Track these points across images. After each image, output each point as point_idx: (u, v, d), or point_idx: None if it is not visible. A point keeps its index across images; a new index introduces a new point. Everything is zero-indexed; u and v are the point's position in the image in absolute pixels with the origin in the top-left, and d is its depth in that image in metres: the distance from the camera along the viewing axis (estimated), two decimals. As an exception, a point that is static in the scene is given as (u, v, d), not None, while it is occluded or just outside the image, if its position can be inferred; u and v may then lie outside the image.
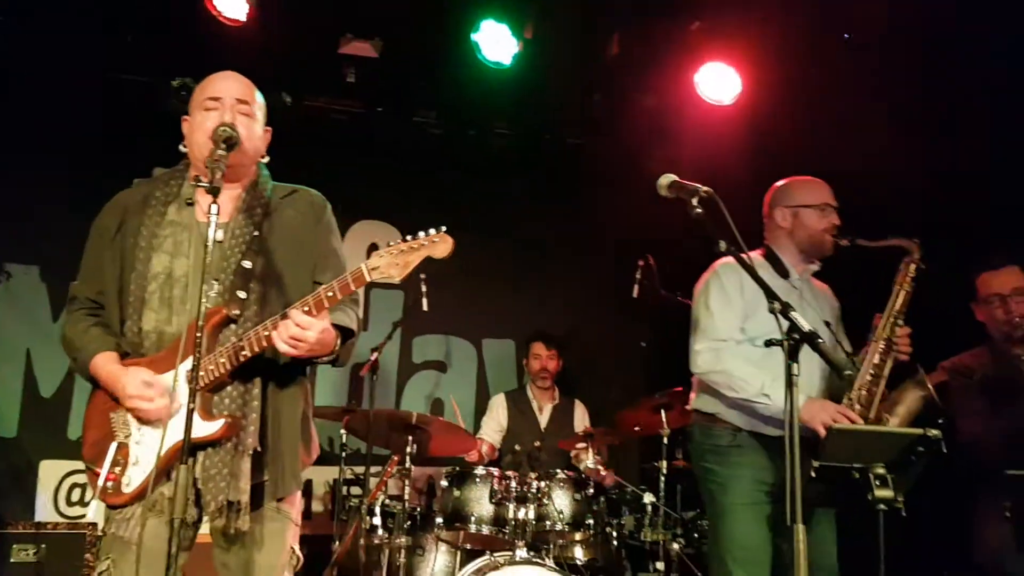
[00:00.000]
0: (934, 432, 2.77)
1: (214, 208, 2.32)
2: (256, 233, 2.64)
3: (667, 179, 2.78)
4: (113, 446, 2.55)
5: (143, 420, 2.54)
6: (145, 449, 2.52)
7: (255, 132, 2.71)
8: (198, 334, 2.27)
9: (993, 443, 3.51)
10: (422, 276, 5.35)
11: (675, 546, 5.12)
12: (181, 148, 2.76)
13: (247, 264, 2.59)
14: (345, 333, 2.65)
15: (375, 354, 5.17)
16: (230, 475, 2.47)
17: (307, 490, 6.12)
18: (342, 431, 5.30)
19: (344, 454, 5.32)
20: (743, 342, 3.44)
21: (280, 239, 2.69)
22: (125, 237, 2.65)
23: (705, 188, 2.66)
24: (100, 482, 2.53)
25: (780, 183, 3.74)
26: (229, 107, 2.65)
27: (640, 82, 6.05)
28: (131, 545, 2.45)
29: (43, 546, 4.63)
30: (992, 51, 4.66)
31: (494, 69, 5.59)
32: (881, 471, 2.79)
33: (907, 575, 4.38)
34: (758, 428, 3.39)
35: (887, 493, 2.78)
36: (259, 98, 2.78)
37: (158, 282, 2.58)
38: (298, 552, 2.70)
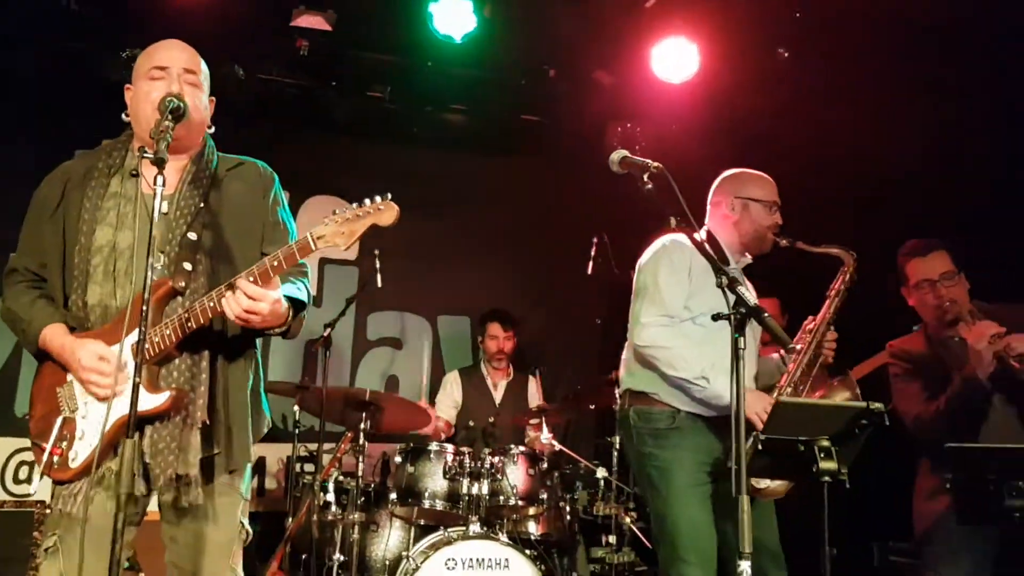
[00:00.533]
0: (877, 405, 2.81)
1: (160, 179, 2.28)
2: (202, 205, 2.61)
3: (618, 155, 2.79)
4: (59, 420, 2.52)
5: (91, 394, 2.51)
6: (92, 423, 2.49)
7: (201, 102, 2.67)
8: (144, 306, 2.23)
9: (930, 423, 3.59)
10: (376, 252, 5.33)
11: (627, 520, 5.19)
12: (124, 118, 2.70)
13: (193, 236, 2.56)
14: (296, 305, 2.63)
15: (328, 330, 5.15)
16: (178, 448, 2.45)
17: (260, 467, 6.09)
18: (295, 408, 5.28)
19: (298, 431, 5.30)
20: (686, 320, 3.46)
21: (227, 211, 2.66)
22: (67, 209, 2.61)
23: (656, 164, 2.67)
24: (45, 457, 2.50)
25: (731, 172, 3.75)
26: (176, 77, 2.60)
27: (596, 59, 6.05)
28: (78, 520, 2.43)
29: (-10, 525, 4.57)
30: (955, 24, 4.71)
31: (450, 45, 5.55)
32: (825, 444, 2.83)
33: (850, 546, 4.50)
34: (696, 409, 3.41)
35: (831, 465, 2.82)
36: (204, 67, 2.74)
37: (102, 255, 2.54)
38: (248, 527, 2.69)
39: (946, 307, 3.70)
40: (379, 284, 5.37)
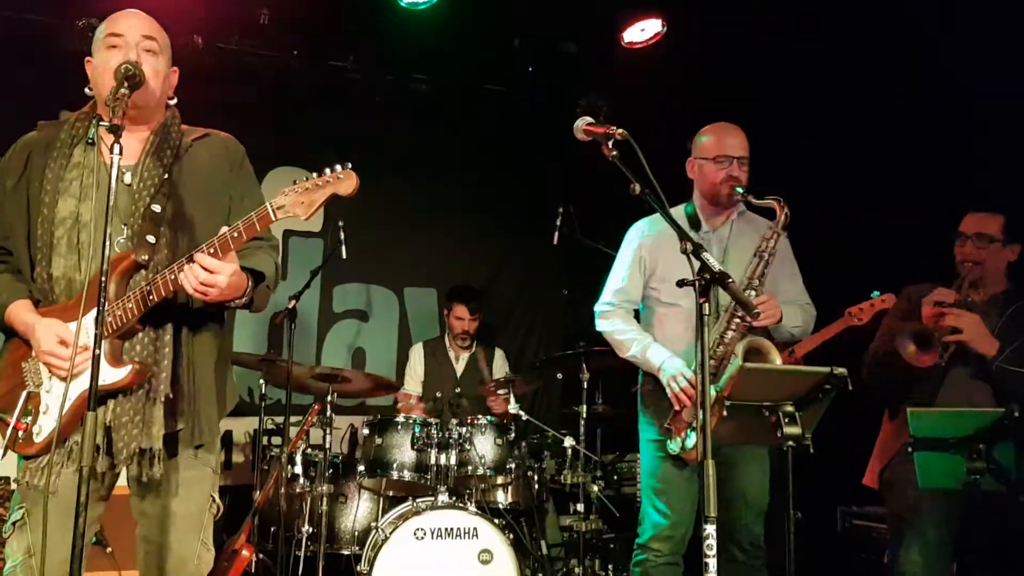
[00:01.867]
0: (840, 370, 2.85)
1: (116, 148, 2.24)
2: (166, 176, 2.56)
3: (582, 122, 2.78)
4: (23, 395, 2.50)
5: (52, 374, 2.48)
6: (56, 398, 2.45)
7: (160, 71, 2.61)
8: (103, 278, 2.20)
9: (880, 373, 3.67)
10: (340, 223, 5.28)
11: (595, 488, 5.23)
12: (87, 91, 2.65)
13: (156, 208, 2.51)
14: (257, 276, 2.61)
15: (293, 302, 5.11)
16: (142, 422, 2.43)
17: (227, 440, 6.05)
18: (261, 381, 5.26)
19: (264, 404, 5.28)
20: (649, 297, 3.70)
21: (192, 183, 2.62)
22: (31, 181, 2.56)
23: (620, 131, 2.66)
24: (10, 432, 2.48)
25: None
26: (133, 44, 2.54)
27: (560, 28, 6.02)
28: (46, 495, 2.40)
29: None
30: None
31: (413, 14, 5.50)
32: (789, 409, 2.87)
33: (814, 511, 4.57)
34: None
35: (795, 430, 2.85)
36: (164, 37, 2.67)
37: (65, 227, 2.50)
38: (218, 500, 2.68)
39: (966, 265, 3.69)
40: (344, 255, 5.33)
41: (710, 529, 2.23)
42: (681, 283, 2.43)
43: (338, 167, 2.36)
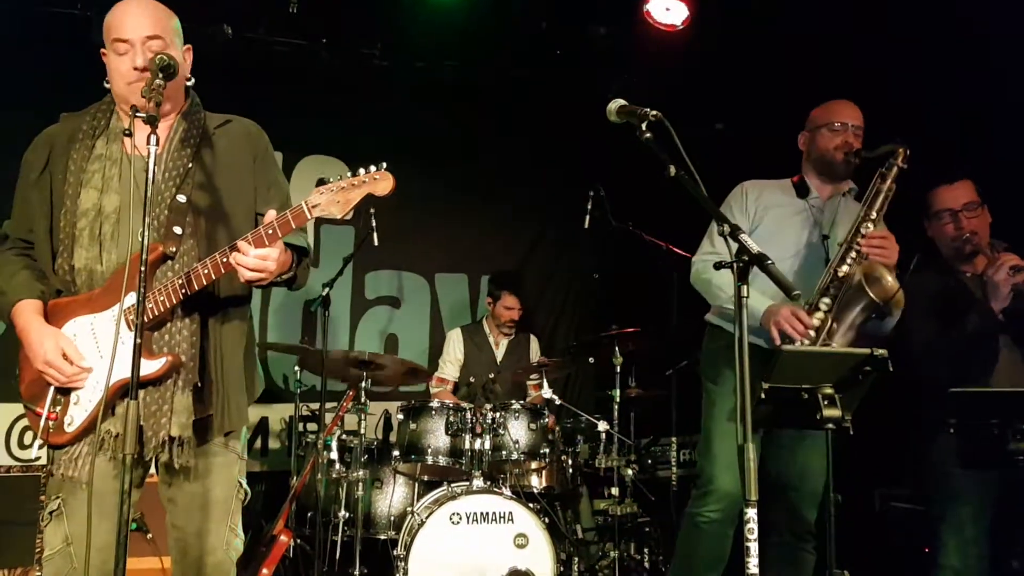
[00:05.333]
0: (880, 352, 2.81)
1: (153, 139, 2.25)
2: (191, 165, 2.57)
3: (615, 104, 2.75)
4: (53, 385, 2.51)
5: (49, 380, 2.50)
6: (86, 388, 2.49)
7: (177, 59, 2.53)
8: (142, 268, 2.22)
9: (943, 353, 3.53)
10: (371, 210, 5.29)
11: (629, 472, 5.23)
12: (105, 84, 2.64)
13: (182, 198, 2.53)
14: (300, 251, 2.62)
15: (326, 290, 5.14)
16: (171, 411, 2.45)
17: (263, 427, 6.12)
18: (296, 368, 5.29)
19: (299, 391, 5.32)
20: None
21: (217, 171, 2.62)
22: (53, 173, 2.57)
23: (654, 112, 2.63)
24: (42, 423, 2.49)
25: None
26: (140, 49, 2.51)
27: (588, 10, 5.98)
28: (80, 484, 2.43)
29: (-3, 489, 4.59)
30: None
31: (440, 1, 5.50)
32: (829, 391, 2.84)
33: (852, 493, 4.54)
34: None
35: (835, 412, 2.82)
36: (171, 22, 2.62)
37: (88, 218, 2.51)
38: (246, 487, 2.70)
39: (965, 238, 3.62)
40: (375, 243, 5.35)
41: (751, 513, 2.22)
42: (718, 265, 2.41)
43: (373, 168, 2.37)
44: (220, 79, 2.79)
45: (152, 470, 2.64)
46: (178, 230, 2.50)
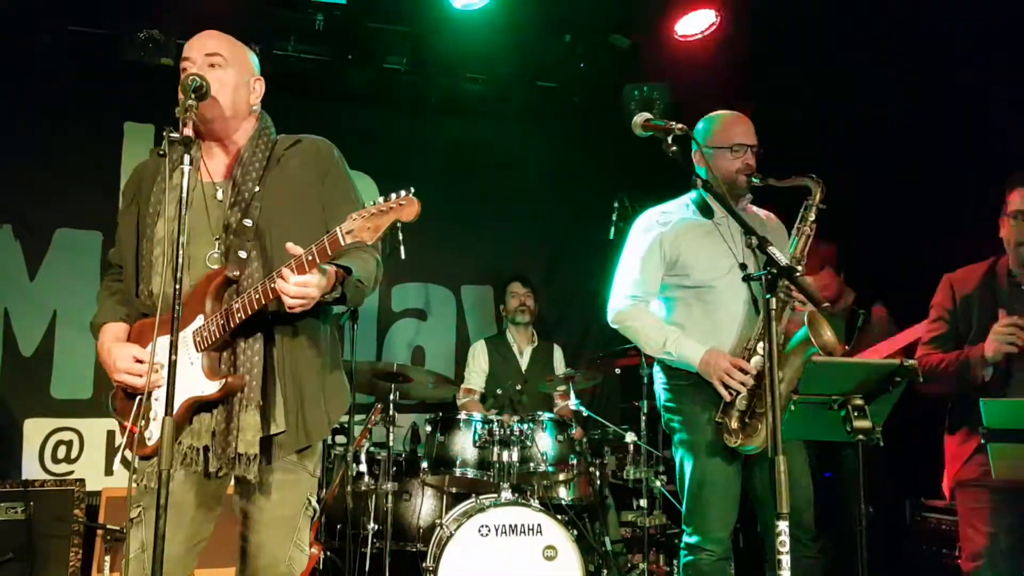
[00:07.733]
0: (910, 361, 2.80)
1: (187, 159, 2.31)
2: (256, 189, 2.64)
3: (641, 117, 2.77)
4: (138, 400, 2.60)
5: (128, 387, 2.62)
6: (162, 405, 2.55)
7: (228, 82, 2.66)
8: (175, 289, 2.30)
9: (934, 378, 3.46)
10: (398, 224, 5.30)
11: (657, 483, 5.22)
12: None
13: (248, 222, 2.60)
14: (347, 271, 2.64)
15: (354, 303, 5.17)
16: (237, 428, 2.51)
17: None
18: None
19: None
20: (675, 287, 3.55)
21: (283, 194, 2.68)
22: (140, 204, 2.73)
23: (680, 125, 2.65)
24: (127, 435, 2.60)
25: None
26: (199, 64, 2.64)
27: (611, 22, 5.99)
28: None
29: (31, 503, 4.66)
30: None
31: (464, 14, 5.54)
32: (859, 402, 2.83)
33: (883, 504, 4.51)
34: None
35: (865, 424, 2.81)
36: (238, 50, 2.76)
37: (162, 246, 2.62)
38: (315, 504, 2.76)
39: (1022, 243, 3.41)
40: (402, 256, 5.36)
41: (782, 525, 2.22)
42: (747, 278, 2.42)
43: (402, 192, 2.40)
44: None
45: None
46: (243, 254, 2.57)
